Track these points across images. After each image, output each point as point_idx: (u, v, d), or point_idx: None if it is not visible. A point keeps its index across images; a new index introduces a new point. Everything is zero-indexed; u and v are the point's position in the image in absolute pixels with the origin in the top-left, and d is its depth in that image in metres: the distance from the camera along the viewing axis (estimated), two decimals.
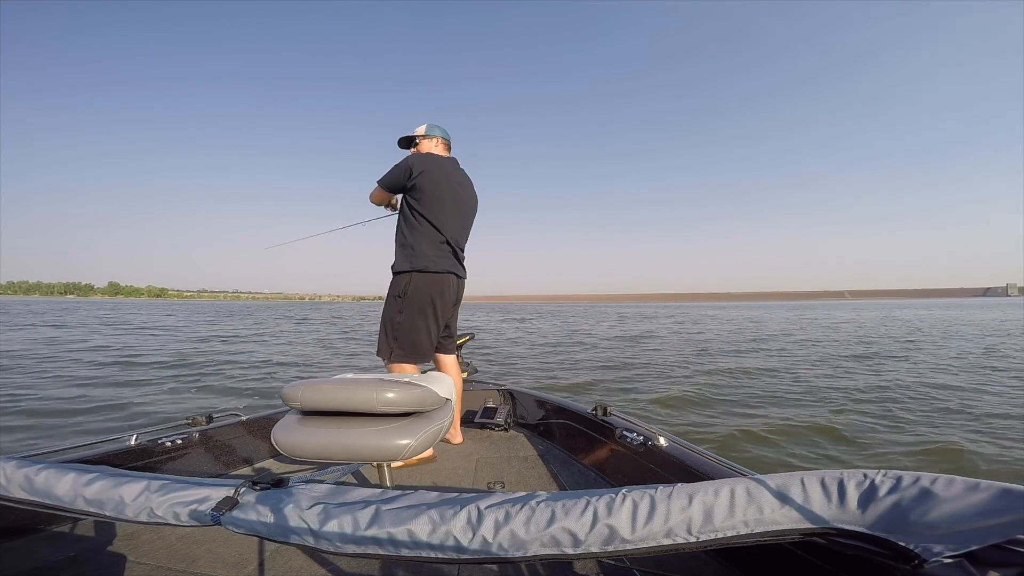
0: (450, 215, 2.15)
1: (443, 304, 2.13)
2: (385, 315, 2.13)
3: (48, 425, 4.19)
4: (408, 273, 2.08)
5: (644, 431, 1.64)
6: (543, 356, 9.60)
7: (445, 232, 2.12)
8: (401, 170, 2.13)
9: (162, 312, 37.54)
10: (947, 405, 4.85)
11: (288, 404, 1.23)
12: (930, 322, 20.28)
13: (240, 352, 10.08)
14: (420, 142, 2.33)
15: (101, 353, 9.28)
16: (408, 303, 2.07)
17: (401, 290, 2.08)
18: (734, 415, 4.63)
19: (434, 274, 2.09)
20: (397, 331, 2.07)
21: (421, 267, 2.07)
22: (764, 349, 10.30)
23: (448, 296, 2.15)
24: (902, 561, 0.52)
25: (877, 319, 23.68)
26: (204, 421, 1.84)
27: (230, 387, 6.19)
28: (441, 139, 2.34)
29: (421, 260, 2.07)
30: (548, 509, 0.58)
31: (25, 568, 1.15)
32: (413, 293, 2.07)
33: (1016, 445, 3.62)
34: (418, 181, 2.08)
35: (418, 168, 2.09)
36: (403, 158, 2.18)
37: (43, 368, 7.18)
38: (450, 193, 2.16)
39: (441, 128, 2.36)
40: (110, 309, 43.27)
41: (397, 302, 2.09)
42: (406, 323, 2.07)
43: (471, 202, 2.31)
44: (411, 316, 2.07)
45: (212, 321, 22.81)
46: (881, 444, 3.73)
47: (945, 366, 7.47)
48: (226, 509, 0.63)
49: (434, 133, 2.33)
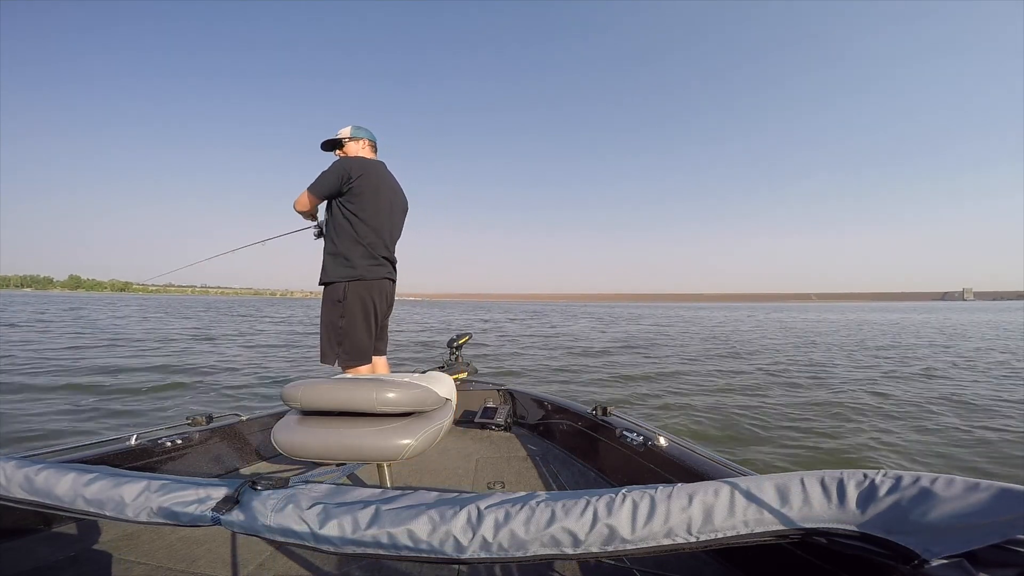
0: (385, 219, 2.13)
1: (380, 308, 2.15)
2: (325, 320, 2.09)
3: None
4: (343, 283, 2.05)
5: (644, 431, 1.64)
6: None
7: (382, 236, 2.11)
8: (337, 175, 2.04)
9: (105, 306, 35.20)
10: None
11: (288, 404, 1.23)
12: (937, 326, 20.22)
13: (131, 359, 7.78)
14: (346, 144, 2.22)
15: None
16: (348, 308, 2.05)
17: (340, 295, 2.06)
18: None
19: (372, 281, 2.09)
20: (341, 336, 2.05)
21: (357, 277, 2.05)
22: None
23: (385, 300, 2.17)
24: (902, 561, 0.52)
25: (854, 321, 23.92)
26: (204, 421, 1.84)
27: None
28: (368, 141, 2.26)
29: (357, 270, 2.05)
30: (548, 509, 0.58)
31: (25, 568, 1.15)
32: (352, 298, 2.05)
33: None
34: (355, 185, 2.04)
35: (356, 172, 2.04)
36: (334, 162, 2.10)
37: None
38: (385, 197, 2.14)
39: (367, 129, 2.27)
40: (44, 303, 41.17)
41: (337, 307, 2.06)
42: (348, 327, 2.05)
43: (403, 205, 2.29)
44: (352, 320, 2.05)
45: (155, 318, 20.40)
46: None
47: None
48: (226, 509, 0.63)
49: (360, 135, 2.23)
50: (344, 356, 2.04)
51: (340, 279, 2.05)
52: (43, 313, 22.49)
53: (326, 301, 2.10)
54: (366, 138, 2.26)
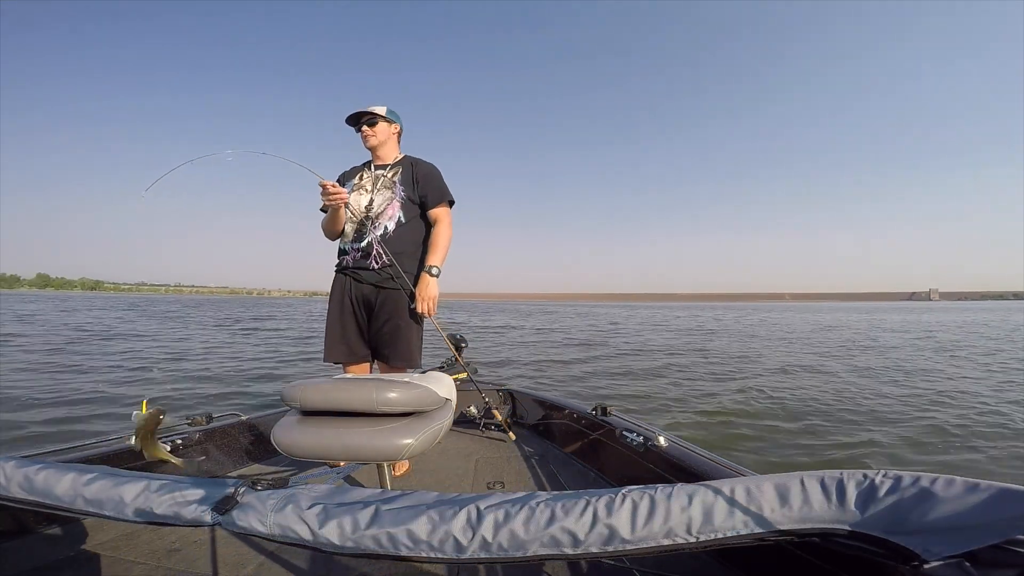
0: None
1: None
2: (417, 331, 2.02)
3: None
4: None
5: (644, 431, 1.64)
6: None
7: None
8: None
9: (57, 305, 33.40)
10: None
11: (288, 404, 1.23)
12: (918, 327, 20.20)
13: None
14: (378, 124, 2.03)
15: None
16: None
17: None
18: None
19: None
20: (421, 342, 2.06)
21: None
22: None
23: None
24: (902, 561, 0.52)
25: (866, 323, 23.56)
26: (204, 421, 1.84)
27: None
28: (400, 128, 2.13)
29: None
30: (548, 509, 0.58)
31: (25, 568, 1.15)
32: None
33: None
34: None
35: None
36: (431, 163, 2.08)
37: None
38: None
39: (399, 116, 2.12)
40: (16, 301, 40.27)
41: (422, 321, 2.04)
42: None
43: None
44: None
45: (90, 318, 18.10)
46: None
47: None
48: (226, 509, 0.63)
49: (395, 120, 2.09)
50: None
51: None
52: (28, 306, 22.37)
53: (411, 309, 1.97)
54: (398, 124, 2.09)
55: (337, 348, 1.98)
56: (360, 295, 1.96)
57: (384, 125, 2.03)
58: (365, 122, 2.02)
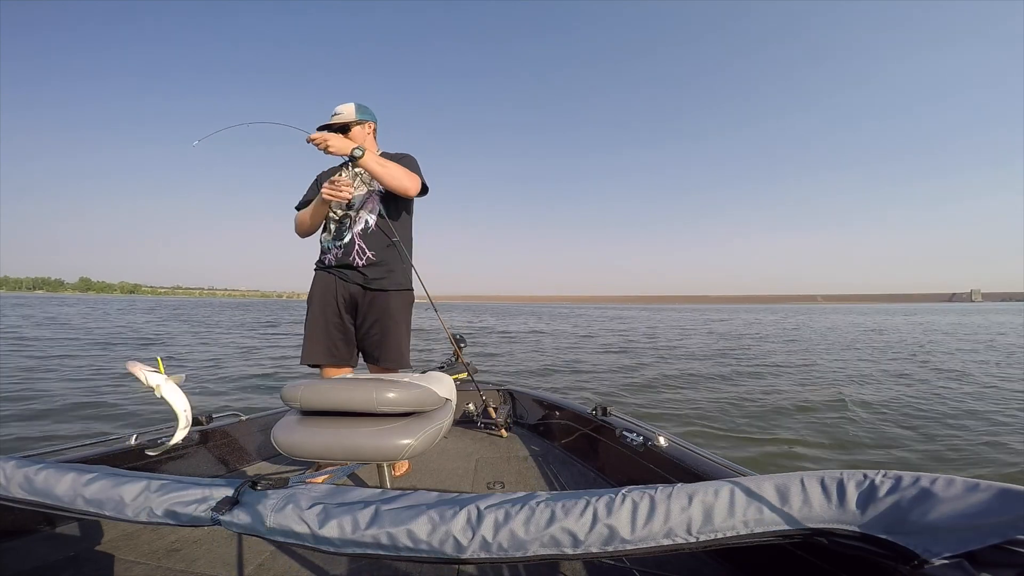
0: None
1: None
2: (405, 328, 2.01)
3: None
4: (410, 291, 2.03)
5: (644, 431, 1.64)
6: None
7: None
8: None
9: (91, 307, 33.33)
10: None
11: (288, 404, 1.23)
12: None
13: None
14: (352, 131, 1.93)
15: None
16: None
17: (411, 301, 2.05)
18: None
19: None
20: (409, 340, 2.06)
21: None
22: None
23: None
24: (902, 561, 0.52)
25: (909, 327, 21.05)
26: (204, 421, 1.84)
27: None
28: (374, 125, 2.03)
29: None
30: (548, 509, 0.58)
31: (25, 568, 1.15)
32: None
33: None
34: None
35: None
36: (411, 156, 2.02)
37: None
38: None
39: (371, 111, 2.02)
40: (57, 305, 41.10)
41: (410, 321, 2.04)
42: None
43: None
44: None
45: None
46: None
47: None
48: (226, 509, 0.63)
49: (367, 118, 1.98)
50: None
51: (409, 287, 2.00)
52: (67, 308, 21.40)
53: (405, 306, 1.98)
54: (372, 121, 1.97)
55: (318, 350, 1.90)
56: (347, 295, 1.92)
57: (358, 129, 1.92)
58: (338, 132, 1.87)
